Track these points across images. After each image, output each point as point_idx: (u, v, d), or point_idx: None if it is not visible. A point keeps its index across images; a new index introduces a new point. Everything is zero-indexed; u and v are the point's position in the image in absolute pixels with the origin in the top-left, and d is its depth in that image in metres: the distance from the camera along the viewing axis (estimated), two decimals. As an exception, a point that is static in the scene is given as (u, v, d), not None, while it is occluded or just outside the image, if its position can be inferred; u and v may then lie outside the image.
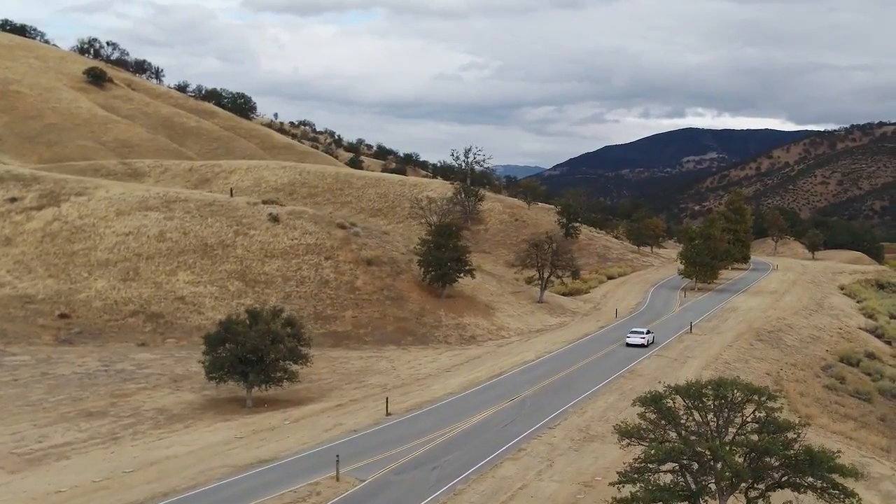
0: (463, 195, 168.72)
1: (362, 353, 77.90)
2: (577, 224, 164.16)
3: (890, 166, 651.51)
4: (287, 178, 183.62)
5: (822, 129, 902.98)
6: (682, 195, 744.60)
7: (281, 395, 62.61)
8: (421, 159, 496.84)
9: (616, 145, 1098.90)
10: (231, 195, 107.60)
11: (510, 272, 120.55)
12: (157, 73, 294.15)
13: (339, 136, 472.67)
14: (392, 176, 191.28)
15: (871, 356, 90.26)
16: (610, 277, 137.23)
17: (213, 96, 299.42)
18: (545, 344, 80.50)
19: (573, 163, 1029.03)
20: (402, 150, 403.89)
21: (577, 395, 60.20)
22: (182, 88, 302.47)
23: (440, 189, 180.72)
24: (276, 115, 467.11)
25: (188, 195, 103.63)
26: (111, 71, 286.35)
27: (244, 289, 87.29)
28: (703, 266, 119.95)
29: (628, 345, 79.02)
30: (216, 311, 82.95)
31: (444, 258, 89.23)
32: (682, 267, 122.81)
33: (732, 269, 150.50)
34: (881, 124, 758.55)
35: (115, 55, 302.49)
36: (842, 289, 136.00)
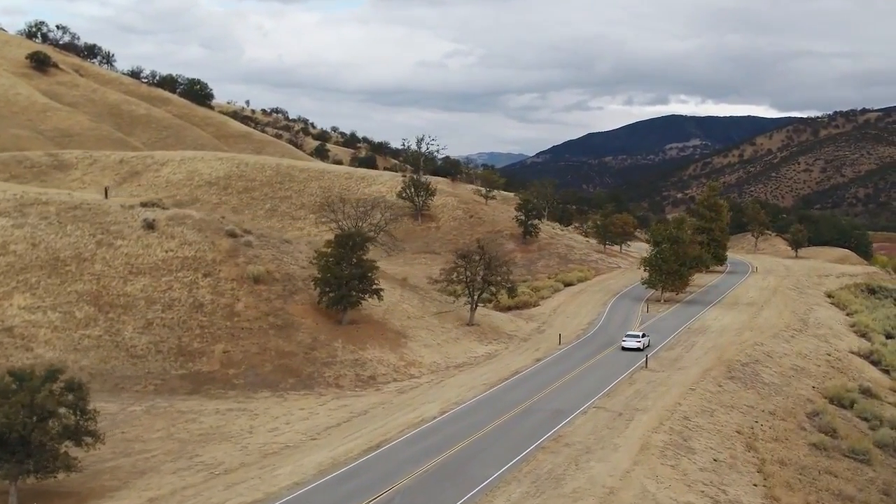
0: (412, 190, 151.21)
1: (223, 403, 59.92)
2: (538, 221, 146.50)
3: (873, 153, 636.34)
4: (223, 170, 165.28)
5: (805, 115, 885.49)
6: (665, 182, 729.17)
7: (68, 483, 44.69)
8: (396, 146, 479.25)
9: (599, 132, 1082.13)
10: (105, 195, 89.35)
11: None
12: (108, 58, 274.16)
13: (312, 123, 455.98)
14: (338, 168, 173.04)
15: (866, 392, 72.89)
16: (568, 284, 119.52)
17: (168, 82, 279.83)
18: (459, 389, 62.67)
19: (556, 150, 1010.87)
20: (379, 138, 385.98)
21: (471, 487, 42.41)
22: (136, 74, 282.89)
23: (390, 183, 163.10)
24: (247, 103, 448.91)
25: (51, 197, 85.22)
26: (58, 56, 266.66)
27: (95, 315, 69.12)
28: (670, 274, 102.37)
29: (624, 348, 75.53)
30: (51, 346, 65.12)
31: (344, 276, 71.26)
32: (646, 275, 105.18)
33: (707, 271, 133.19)
34: (864, 111, 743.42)
35: (66, 39, 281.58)
36: (829, 296, 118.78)
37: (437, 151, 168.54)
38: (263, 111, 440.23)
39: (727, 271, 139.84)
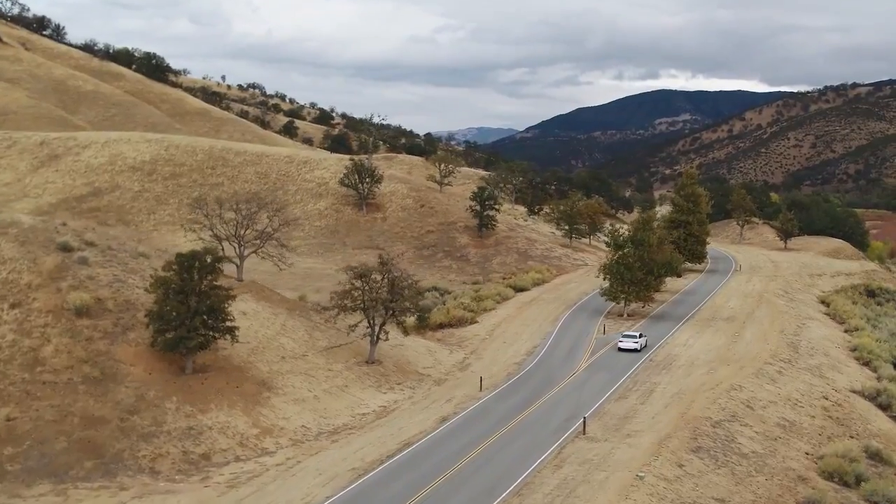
0: (356, 176, 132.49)
1: (-29, 508, 41.44)
2: (494, 212, 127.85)
3: (864, 129, 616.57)
4: (150, 153, 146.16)
5: (795, 90, 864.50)
6: (654, 158, 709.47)
7: None
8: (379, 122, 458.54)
9: (589, 107, 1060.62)
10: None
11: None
12: (58, 31, 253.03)
13: (291, 99, 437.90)
14: (279, 150, 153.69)
15: (875, 457, 54.71)
16: (520, 290, 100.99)
17: (123, 56, 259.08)
18: (316, 479, 44.13)
19: (546, 125, 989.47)
20: (364, 114, 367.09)
21: None
22: (89, 48, 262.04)
23: (335, 167, 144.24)
24: (223, 78, 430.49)
25: None
26: (2, 28, 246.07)
27: None
28: (633, 284, 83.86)
29: (620, 349, 70.57)
30: None
31: (184, 310, 52.56)
32: (605, 285, 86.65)
33: (684, 272, 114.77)
34: (855, 85, 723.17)
35: (15, 10, 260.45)
36: (823, 303, 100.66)
37: (388, 130, 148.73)
38: (240, 86, 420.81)
39: (707, 270, 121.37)
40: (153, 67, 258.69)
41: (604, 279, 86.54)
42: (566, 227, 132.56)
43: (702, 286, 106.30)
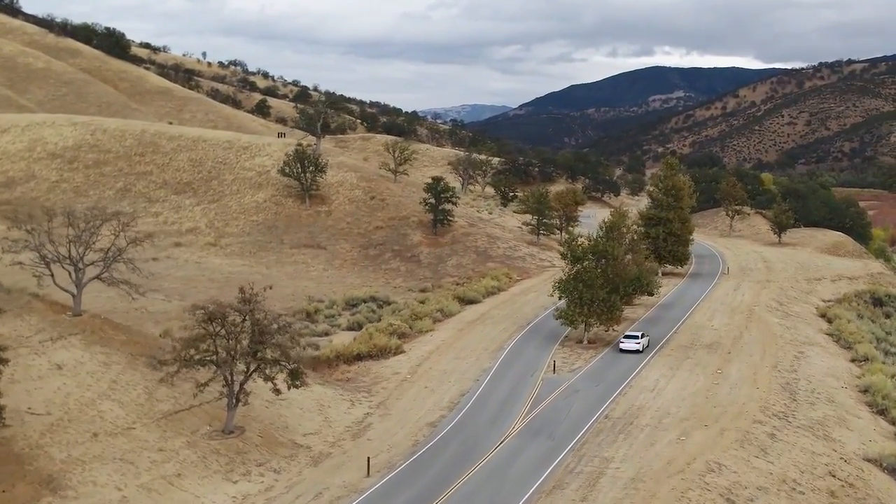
0: (298, 165, 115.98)
1: None
2: (451, 205, 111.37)
3: (859, 106, 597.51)
4: (74, 138, 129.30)
5: (789, 67, 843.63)
6: (647, 136, 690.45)
7: None
8: (363, 100, 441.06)
9: (582, 84, 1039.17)
10: None
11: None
12: (12, 4, 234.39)
13: (272, 76, 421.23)
14: (217, 134, 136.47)
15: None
16: (469, 302, 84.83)
17: (82, 32, 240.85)
18: None
19: (539, 102, 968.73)
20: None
21: None
22: (45, 22, 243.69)
23: (279, 154, 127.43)
24: (203, 55, 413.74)
25: None
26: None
27: None
28: (594, 304, 67.40)
29: (622, 350, 65.11)
30: None
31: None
32: (561, 305, 70.23)
33: (663, 274, 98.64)
34: (850, 62, 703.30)
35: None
36: (824, 318, 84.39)
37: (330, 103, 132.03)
38: (220, 63, 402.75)
39: (690, 273, 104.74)
40: (113, 43, 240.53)
41: (559, 298, 70.21)
42: (533, 223, 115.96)
43: (682, 296, 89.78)
